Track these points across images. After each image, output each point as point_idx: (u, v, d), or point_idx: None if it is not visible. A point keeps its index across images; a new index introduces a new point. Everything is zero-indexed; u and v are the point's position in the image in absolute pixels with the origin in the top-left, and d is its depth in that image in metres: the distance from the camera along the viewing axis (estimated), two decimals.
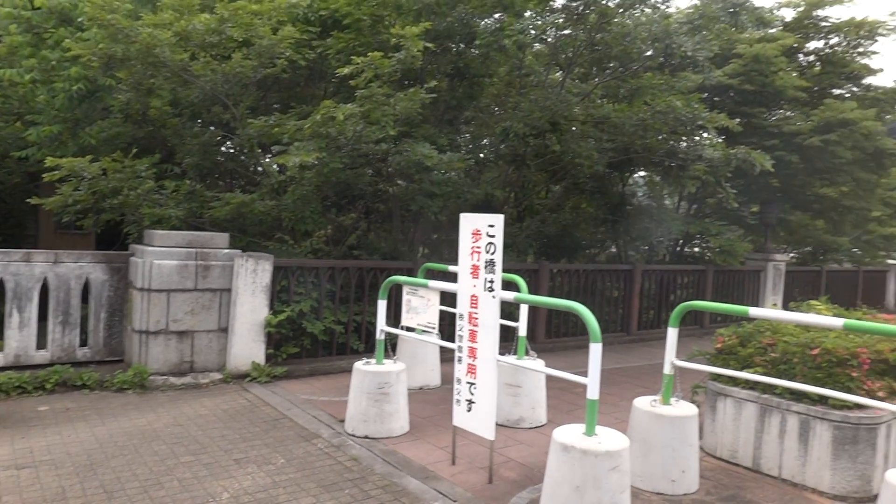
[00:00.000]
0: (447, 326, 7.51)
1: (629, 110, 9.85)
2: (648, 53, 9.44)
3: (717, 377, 5.45)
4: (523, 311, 6.09)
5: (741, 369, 5.20)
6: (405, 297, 5.53)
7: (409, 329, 5.83)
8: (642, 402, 4.84)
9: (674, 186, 13.48)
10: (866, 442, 4.65)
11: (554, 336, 10.18)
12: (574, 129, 10.21)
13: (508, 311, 7.83)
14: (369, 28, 8.86)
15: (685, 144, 10.25)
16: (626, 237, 12.48)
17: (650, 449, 4.63)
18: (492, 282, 4.45)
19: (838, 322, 4.06)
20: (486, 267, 4.48)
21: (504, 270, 5.70)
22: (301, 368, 7.62)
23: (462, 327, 4.72)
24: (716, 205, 14.34)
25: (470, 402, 4.70)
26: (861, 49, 14.36)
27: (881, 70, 17.26)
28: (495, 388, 4.56)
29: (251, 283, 7.27)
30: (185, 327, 7.07)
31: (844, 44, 14.35)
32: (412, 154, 7.73)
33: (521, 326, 6.11)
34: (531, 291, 9.68)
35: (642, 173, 13.97)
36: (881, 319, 6.41)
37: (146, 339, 6.91)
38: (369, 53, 7.41)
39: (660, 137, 10.03)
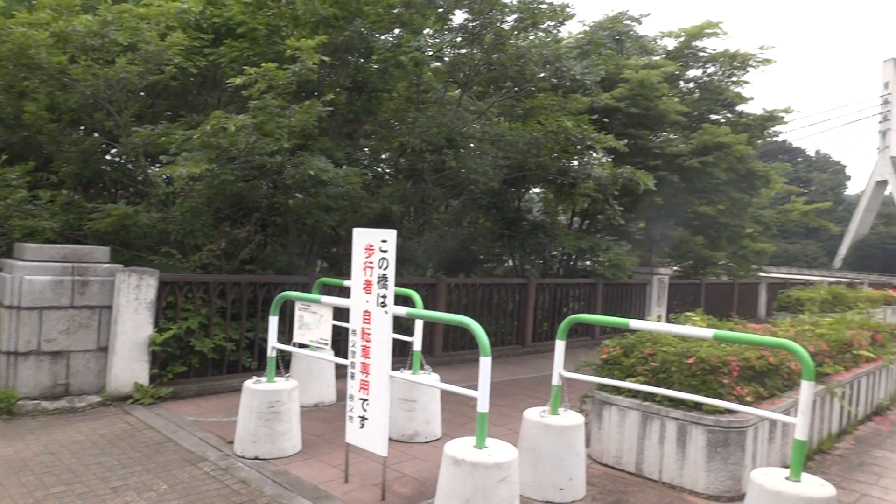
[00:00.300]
0: (344, 342, 7.44)
1: (524, 129, 10.17)
2: (542, 75, 9.80)
3: (602, 387, 5.68)
4: (418, 325, 6.12)
5: (625, 379, 5.45)
6: (297, 312, 5.42)
7: (301, 346, 5.72)
8: (532, 413, 4.97)
9: (566, 203, 13.99)
10: (736, 444, 4.97)
11: (451, 349, 10.27)
12: (472, 145, 10.43)
13: (406, 325, 7.85)
14: (265, 38, 8.70)
15: (576, 163, 10.68)
16: (521, 251, 12.82)
17: (539, 458, 4.75)
18: (384, 297, 4.45)
19: (709, 332, 4.35)
20: (378, 282, 4.48)
21: (401, 285, 5.72)
22: (189, 388, 7.29)
23: (355, 343, 4.68)
24: (605, 221, 15.02)
25: (363, 418, 4.66)
26: (734, 78, 15.58)
27: (752, 98, 18.71)
28: (388, 403, 4.55)
29: (134, 299, 6.89)
30: (59, 347, 6.61)
31: (720, 73, 15.51)
32: (307, 167, 7.63)
33: (417, 341, 6.13)
34: (429, 305, 9.77)
35: (538, 190, 14.44)
36: (750, 329, 6.91)
37: (14, 360, 6.40)
38: (263, 64, 7.27)
39: (553, 156, 10.42)
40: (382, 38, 9.64)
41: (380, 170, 11.48)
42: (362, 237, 4.59)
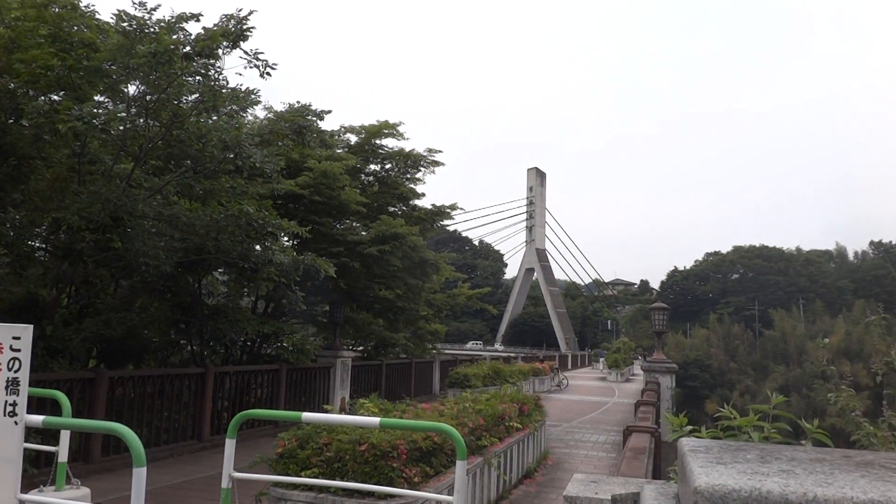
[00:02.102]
0: None
1: (203, 210, 9.77)
2: (224, 157, 9.60)
3: (278, 482, 5.49)
4: (65, 432, 5.28)
5: (300, 471, 5.34)
6: None
7: None
8: None
9: (250, 287, 13.69)
10: None
11: (113, 453, 9.03)
12: (147, 223, 9.65)
13: (54, 431, 6.71)
14: None
15: (259, 248, 10.56)
16: (199, 339, 12.07)
17: None
18: (14, 405, 3.76)
19: (376, 421, 4.51)
20: (7, 387, 3.78)
21: (50, 382, 4.91)
22: None
23: None
24: (290, 305, 15.01)
25: None
26: (409, 175, 17.17)
27: (424, 195, 20.77)
28: None
29: None
30: None
31: (396, 169, 17.00)
32: None
33: (62, 450, 5.26)
34: (87, 404, 8.57)
35: (220, 273, 13.88)
36: (420, 410, 7.37)
37: None
38: None
39: (236, 239, 10.15)
40: (41, 98, 8.57)
41: (34, 245, 9.95)
42: None
